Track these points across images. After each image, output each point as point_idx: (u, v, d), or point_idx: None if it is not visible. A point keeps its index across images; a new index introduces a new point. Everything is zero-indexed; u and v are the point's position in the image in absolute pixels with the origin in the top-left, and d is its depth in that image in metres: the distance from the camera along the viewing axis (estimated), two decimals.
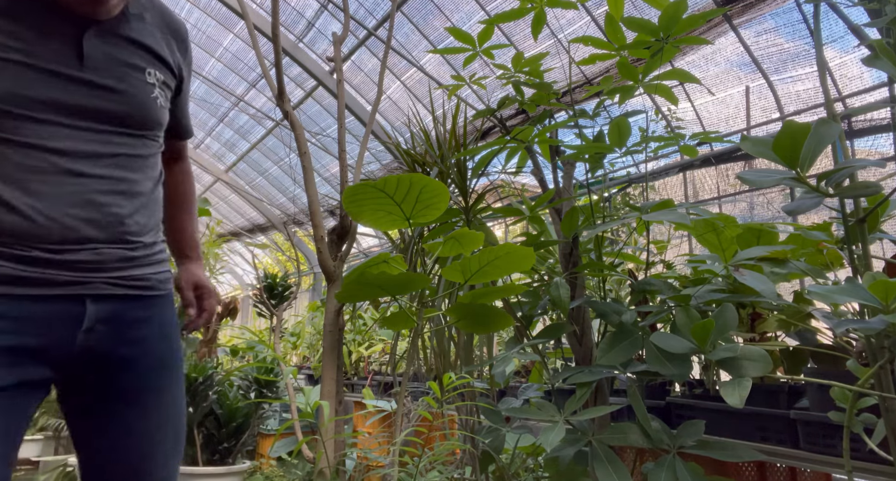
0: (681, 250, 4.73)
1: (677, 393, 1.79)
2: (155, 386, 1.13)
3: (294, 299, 4.61)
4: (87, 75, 1.03)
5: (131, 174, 1.11)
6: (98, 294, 1.05)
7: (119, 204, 1.08)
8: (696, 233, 1.52)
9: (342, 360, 1.47)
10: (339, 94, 1.53)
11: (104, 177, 1.06)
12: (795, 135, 1.09)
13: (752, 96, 4.69)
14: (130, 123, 1.10)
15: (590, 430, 1.42)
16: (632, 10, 4.44)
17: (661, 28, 1.52)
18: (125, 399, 1.10)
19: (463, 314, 1.47)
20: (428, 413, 1.83)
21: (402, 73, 6.58)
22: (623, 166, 4.34)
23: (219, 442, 3.70)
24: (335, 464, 1.34)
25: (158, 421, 1.13)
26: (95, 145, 1.06)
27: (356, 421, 3.91)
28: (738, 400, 1.15)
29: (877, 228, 1.34)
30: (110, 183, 1.07)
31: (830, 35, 4.00)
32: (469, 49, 1.91)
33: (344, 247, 1.49)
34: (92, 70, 1.04)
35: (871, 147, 4.15)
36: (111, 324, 1.07)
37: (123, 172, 1.09)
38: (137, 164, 1.13)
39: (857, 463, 1.26)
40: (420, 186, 1.27)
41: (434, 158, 1.98)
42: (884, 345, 1.10)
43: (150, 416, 1.12)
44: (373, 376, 4.12)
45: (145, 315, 1.12)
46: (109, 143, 1.07)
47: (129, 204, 1.10)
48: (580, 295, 1.72)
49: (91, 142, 1.05)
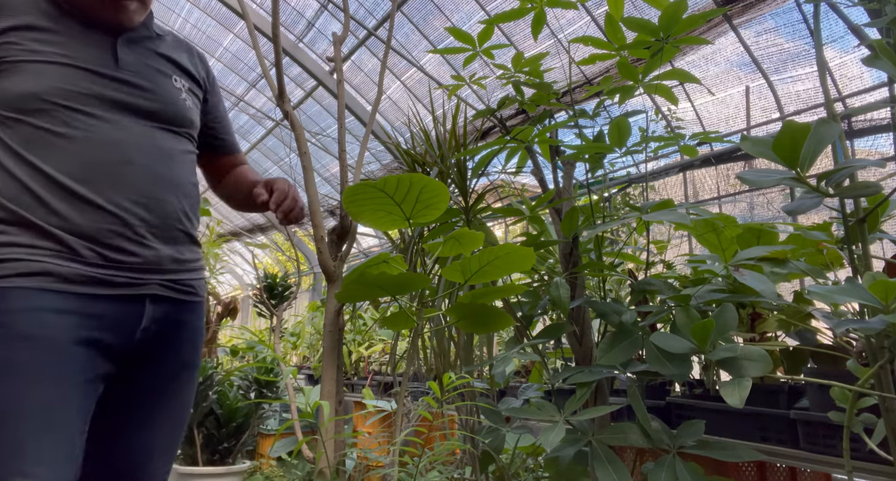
0: (681, 250, 4.72)
1: (677, 393, 1.79)
2: (176, 388, 1.20)
3: (294, 299, 4.61)
4: (123, 75, 1.14)
5: (179, 169, 1.19)
6: (155, 294, 1.13)
7: (172, 199, 1.15)
8: (696, 233, 1.52)
9: (342, 360, 1.47)
10: (339, 94, 1.53)
11: (157, 171, 1.14)
12: (795, 135, 1.09)
13: (752, 96, 4.69)
14: (166, 119, 1.19)
15: (590, 430, 1.42)
16: (632, 10, 4.44)
17: (661, 28, 1.51)
18: (148, 397, 1.17)
19: (463, 314, 1.47)
20: (428, 413, 1.83)
21: (402, 73, 6.58)
22: (623, 166, 4.34)
23: (219, 442, 3.70)
24: (335, 464, 1.34)
25: (172, 420, 1.20)
26: (144, 138, 1.14)
27: (356, 421, 3.91)
28: (738, 400, 1.15)
29: (877, 228, 1.33)
30: (163, 177, 1.14)
31: (830, 35, 4.00)
32: (469, 49, 1.91)
33: (344, 247, 1.49)
34: (126, 71, 1.15)
35: (871, 147, 4.15)
36: (160, 324, 1.14)
37: (172, 165, 1.17)
38: (183, 160, 1.21)
39: (857, 463, 1.26)
40: (420, 186, 1.27)
41: (434, 158, 1.98)
42: (884, 345, 1.10)
43: (165, 415, 1.19)
44: (373, 376, 4.12)
45: (184, 319, 1.19)
46: (154, 137, 1.16)
47: (183, 200, 1.18)
48: (580, 295, 1.72)
49: (140, 135, 1.13)
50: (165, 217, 1.14)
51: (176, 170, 1.19)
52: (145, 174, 1.12)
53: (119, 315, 1.08)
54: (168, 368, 1.19)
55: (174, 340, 1.19)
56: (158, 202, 1.13)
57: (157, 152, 1.16)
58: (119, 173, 1.09)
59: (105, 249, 1.06)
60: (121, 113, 1.13)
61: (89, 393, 1.04)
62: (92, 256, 1.05)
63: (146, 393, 1.17)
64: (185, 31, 7.63)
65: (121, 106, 1.13)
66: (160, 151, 1.17)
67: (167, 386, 1.19)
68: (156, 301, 1.13)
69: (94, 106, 1.10)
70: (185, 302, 1.20)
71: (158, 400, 1.18)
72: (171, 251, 1.15)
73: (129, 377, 1.14)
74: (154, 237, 1.12)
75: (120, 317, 1.08)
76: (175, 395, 1.20)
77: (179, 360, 1.20)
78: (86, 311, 1.04)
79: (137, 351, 1.13)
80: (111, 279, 1.07)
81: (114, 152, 1.10)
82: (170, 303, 1.16)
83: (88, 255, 1.05)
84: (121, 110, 1.13)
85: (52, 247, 1.03)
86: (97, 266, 1.06)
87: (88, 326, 1.04)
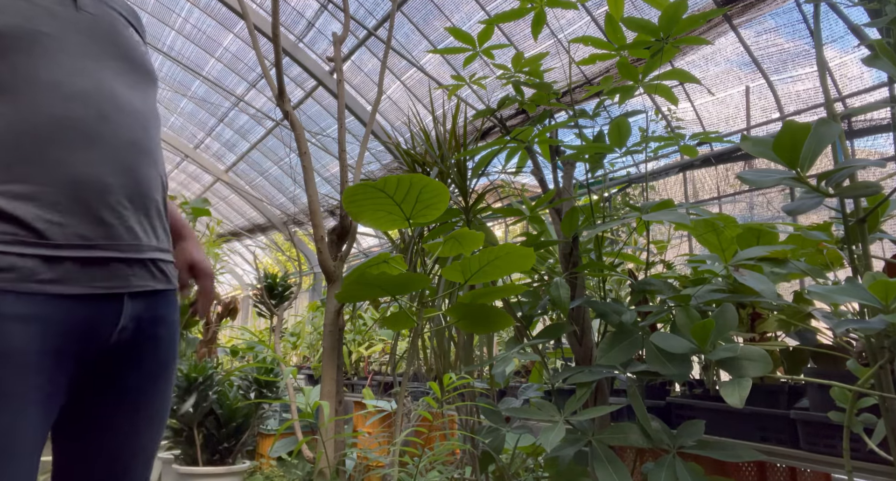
0: (681, 250, 4.72)
1: (677, 393, 1.79)
2: (154, 388, 1.10)
3: (294, 299, 4.61)
4: (83, 18, 1.03)
5: (154, 132, 1.07)
6: (133, 292, 1.01)
7: (150, 167, 1.03)
8: (696, 233, 1.52)
9: (342, 360, 1.47)
10: (339, 94, 1.53)
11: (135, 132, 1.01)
12: (795, 135, 1.09)
13: (752, 96, 4.69)
14: (133, 69, 1.07)
15: (590, 430, 1.42)
16: (632, 10, 4.44)
17: (661, 28, 1.51)
18: (126, 398, 1.06)
19: (463, 314, 1.47)
20: (428, 413, 1.83)
21: (402, 73, 6.58)
22: (623, 166, 4.34)
23: (219, 442, 3.70)
24: (335, 464, 1.34)
25: (150, 421, 1.10)
26: (116, 91, 1.01)
27: (356, 421, 3.91)
28: (738, 400, 1.15)
29: (877, 228, 1.33)
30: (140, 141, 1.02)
31: (830, 35, 4.00)
32: (469, 49, 1.91)
33: (344, 248, 1.49)
34: (86, 13, 1.04)
35: (871, 147, 4.16)
36: (137, 323, 1.04)
37: (148, 127, 1.05)
38: (156, 123, 1.09)
39: (857, 463, 1.26)
40: (420, 186, 1.27)
41: (434, 158, 1.98)
42: (884, 345, 1.09)
43: (144, 416, 1.09)
44: (373, 376, 4.12)
45: (160, 314, 1.09)
46: (126, 92, 1.03)
47: (158, 170, 1.06)
48: (580, 295, 1.72)
49: (111, 87, 1.01)
50: (143, 188, 1.01)
51: (151, 133, 1.06)
52: (123, 135, 0.99)
53: (94, 317, 0.95)
54: (146, 369, 1.08)
55: (152, 339, 1.07)
56: (137, 168, 1.00)
57: (131, 109, 1.02)
58: (95, 131, 0.95)
59: (79, 226, 0.92)
60: (87, 58, 0.99)
61: (52, 409, 0.93)
62: (60, 236, 0.90)
63: (124, 397, 1.06)
64: (185, 31, 7.63)
65: (85, 51, 1.00)
66: (134, 108, 1.03)
67: (146, 388, 1.08)
68: (134, 297, 1.01)
69: (56, 49, 0.96)
70: (160, 293, 1.08)
71: (137, 404, 1.07)
72: (149, 229, 1.03)
73: (104, 381, 1.03)
74: (132, 211, 0.99)
75: (95, 319, 0.96)
76: (154, 397, 1.10)
77: (157, 360, 1.09)
78: (54, 318, 0.90)
79: (113, 353, 1.02)
80: (85, 273, 0.92)
81: (85, 105, 0.95)
82: (146, 298, 1.04)
83: (56, 236, 0.90)
84: (87, 56, 1.00)
85: (11, 229, 0.87)
86: (70, 247, 0.91)
87: (56, 334, 0.91)
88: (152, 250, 1.05)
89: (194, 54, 8.01)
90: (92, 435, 1.04)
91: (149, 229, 1.04)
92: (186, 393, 3.62)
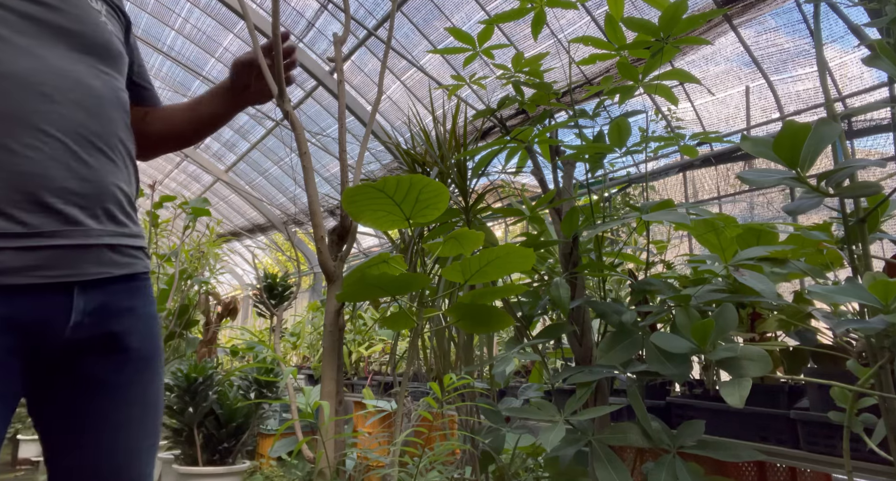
0: (681, 250, 4.73)
1: (677, 393, 1.79)
2: (137, 383, 1.04)
3: (294, 299, 4.61)
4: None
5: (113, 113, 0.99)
6: (85, 281, 0.92)
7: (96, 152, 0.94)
8: (696, 233, 1.52)
9: (342, 360, 1.46)
10: (339, 95, 1.53)
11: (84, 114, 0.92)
12: (796, 135, 1.09)
13: (752, 96, 4.69)
14: (88, 44, 0.97)
15: (590, 430, 1.42)
16: (632, 10, 4.44)
17: (661, 28, 1.51)
18: (105, 394, 1.01)
19: (463, 314, 1.47)
20: (428, 413, 1.83)
21: (402, 74, 6.58)
22: (623, 166, 4.34)
23: (219, 442, 3.70)
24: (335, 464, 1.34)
25: (140, 418, 1.05)
26: (65, 70, 0.91)
27: (356, 421, 3.91)
28: (738, 400, 1.15)
29: (877, 228, 1.33)
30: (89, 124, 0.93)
31: (830, 35, 4.00)
32: (469, 49, 1.91)
33: (344, 248, 1.50)
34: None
35: (871, 147, 4.16)
36: (96, 318, 0.95)
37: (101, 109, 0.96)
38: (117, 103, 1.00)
39: (857, 463, 1.26)
40: (420, 186, 1.27)
41: (434, 158, 1.98)
42: (884, 345, 1.09)
43: (135, 413, 1.04)
44: (373, 376, 4.12)
45: (126, 306, 1.01)
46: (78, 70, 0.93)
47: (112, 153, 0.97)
48: (580, 295, 1.72)
49: (59, 66, 0.91)
50: (96, 173, 0.93)
51: (110, 115, 0.98)
52: (72, 116, 0.90)
53: (38, 312, 0.87)
54: (121, 368, 1.00)
55: (120, 336, 0.99)
56: (88, 154, 0.92)
57: (82, 90, 0.93)
58: (39, 112, 0.87)
59: (19, 211, 0.84)
60: (31, 35, 0.90)
61: (6, 414, 0.86)
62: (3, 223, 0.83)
63: (103, 393, 0.99)
64: (185, 31, 7.63)
65: (30, 25, 0.90)
66: (86, 89, 0.94)
67: (126, 384, 1.01)
68: (86, 289, 0.92)
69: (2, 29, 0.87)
70: (122, 280, 0.99)
71: (118, 400, 1.01)
72: (102, 215, 0.94)
73: (78, 378, 0.97)
74: (82, 197, 0.91)
75: (39, 314, 0.87)
76: (137, 392, 1.03)
77: (133, 355, 1.01)
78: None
79: (78, 349, 0.94)
80: (24, 261, 0.84)
81: (28, 85, 0.87)
82: (104, 289, 0.95)
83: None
84: (31, 31, 0.90)
85: None
86: (7, 236, 0.83)
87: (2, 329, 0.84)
88: (109, 235, 0.95)
89: (194, 54, 8.01)
90: (75, 433, 0.98)
91: (102, 215, 0.94)
92: (186, 393, 3.62)
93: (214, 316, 4.93)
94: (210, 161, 10.41)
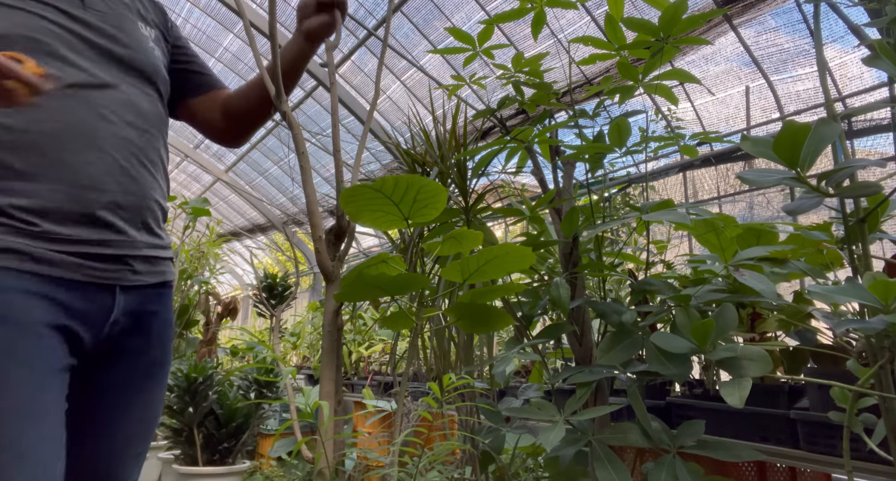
0: (681, 250, 4.72)
1: (677, 393, 1.79)
2: (145, 385, 1.10)
3: (294, 299, 4.61)
4: (90, 17, 1.05)
5: (157, 133, 1.11)
6: (125, 285, 1.04)
7: (148, 170, 1.07)
8: (696, 233, 1.52)
9: (342, 360, 1.46)
10: (332, 98, 1.53)
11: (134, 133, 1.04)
12: (796, 134, 1.09)
13: (752, 96, 4.69)
14: (138, 68, 1.09)
15: (590, 430, 1.42)
16: (632, 10, 4.44)
17: (661, 28, 1.51)
18: (113, 399, 1.06)
19: (462, 314, 1.47)
20: (428, 413, 1.83)
21: (402, 74, 6.58)
22: (623, 166, 4.34)
23: (219, 442, 3.70)
24: (335, 464, 1.34)
25: (141, 421, 1.10)
26: (118, 92, 1.04)
27: (356, 421, 3.91)
28: (738, 400, 1.15)
29: (877, 228, 1.33)
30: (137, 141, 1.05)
31: (830, 35, 4.00)
32: (469, 49, 1.90)
33: (342, 248, 1.49)
34: (94, 12, 1.06)
35: (871, 147, 4.15)
36: (130, 318, 1.06)
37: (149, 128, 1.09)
38: (160, 125, 1.12)
39: (857, 463, 1.26)
40: (417, 186, 1.27)
41: (434, 158, 1.98)
42: (884, 345, 1.09)
43: (134, 416, 1.09)
44: (373, 376, 4.12)
45: (153, 310, 1.11)
46: (129, 92, 1.06)
47: (158, 172, 1.10)
48: (580, 295, 1.72)
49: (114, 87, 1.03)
50: (140, 188, 1.05)
51: (154, 133, 1.10)
52: (124, 135, 1.02)
53: (87, 305, 0.98)
54: (137, 368, 1.09)
55: (144, 336, 1.09)
56: (134, 169, 1.03)
57: (133, 110, 1.05)
58: (95, 130, 0.98)
59: (73, 225, 0.96)
60: (91, 58, 1.02)
61: (63, 383, 0.94)
62: (56, 231, 0.94)
63: (111, 395, 1.06)
64: (185, 31, 7.63)
65: (91, 50, 1.02)
66: (137, 110, 1.06)
67: (135, 387, 1.09)
68: (126, 291, 1.04)
69: (62, 48, 0.98)
70: (155, 288, 1.10)
71: (125, 403, 1.07)
72: (142, 228, 1.06)
73: (92, 377, 1.04)
74: (127, 211, 1.02)
75: (88, 307, 0.98)
76: (143, 394, 1.10)
77: (149, 358, 1.10)
78: (53, 296, 0.93)
79: (104, 348, 1.03)
80: (78, 261, 0.96)
81: (91, 106, 0.98)
82: (140, 293, 1.07)
83: (51, 230, 0.94)
84: (91, 56, 1.02)
85: (8, 222, 0.91)
86: (63, 241, 0.95)
87: (57, 312, 0.93)
88: (147, 247, 1.08)
89: None
90: (75, 432, 1.01)
91: (142, 227, 1.07)
92: (186, 393, 3.62)
93: (214, 316, 4.93)
94: (210, 161, 10.41)
